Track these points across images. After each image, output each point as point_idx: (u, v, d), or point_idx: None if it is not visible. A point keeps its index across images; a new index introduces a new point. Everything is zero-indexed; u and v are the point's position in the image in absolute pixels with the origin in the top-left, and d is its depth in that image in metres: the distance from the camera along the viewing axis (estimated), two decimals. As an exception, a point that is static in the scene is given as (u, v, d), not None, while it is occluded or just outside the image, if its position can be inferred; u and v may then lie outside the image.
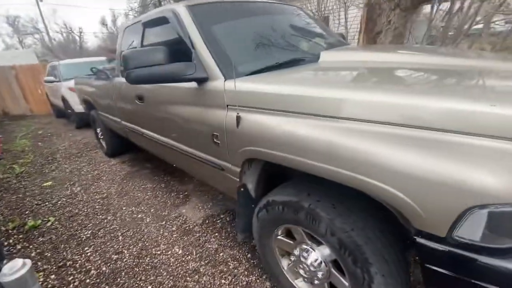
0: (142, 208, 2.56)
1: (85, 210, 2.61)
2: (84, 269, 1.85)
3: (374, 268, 0.95)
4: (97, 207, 2.65)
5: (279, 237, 1.36)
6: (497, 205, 0.66)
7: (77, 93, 4.27)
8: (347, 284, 1.10)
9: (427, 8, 5.05)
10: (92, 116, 3.90)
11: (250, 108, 1.22)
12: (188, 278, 1.70)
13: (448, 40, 4.48)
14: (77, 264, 1.90)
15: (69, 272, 1.84)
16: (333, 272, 1.16)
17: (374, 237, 0.98)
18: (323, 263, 1.17)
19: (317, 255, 1.18)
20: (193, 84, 1.53)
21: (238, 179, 1.42)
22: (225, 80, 1.35)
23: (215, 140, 1.43)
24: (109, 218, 2.44)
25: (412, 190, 0.77)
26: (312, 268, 1.20)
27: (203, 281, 1.67)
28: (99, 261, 1.92)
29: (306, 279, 1.29)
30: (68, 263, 1.92)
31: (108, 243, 2.09)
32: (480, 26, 4.49)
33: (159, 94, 1.90)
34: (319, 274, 1.18)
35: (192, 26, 1.58)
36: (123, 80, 2.46)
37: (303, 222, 1.12)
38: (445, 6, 4.65)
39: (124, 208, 2.58)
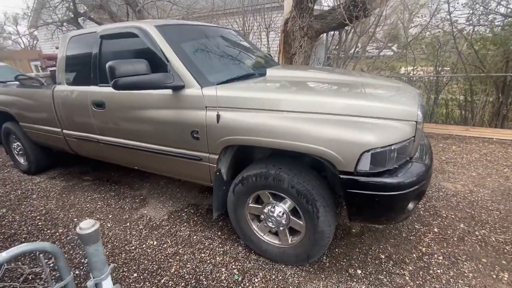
0: (98, 216, 2.53)
1: (25, 229, 2.38)
2: (52, 278, 1.81)
3: (318, 202, 1.53)
4: (39, 223, 2.45)
5: (250, 204, 1.81)
6: (374, 149, 1.33)
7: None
8: (302, 223, 1.66)
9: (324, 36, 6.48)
10: (6, 130, 3.39)
11: (227, 108, 1.66)
12: (170, 260, 1.94)
13: (339, 61, 5.95)
14: (42, 276, 1.84)
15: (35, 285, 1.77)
16: (292, 218, 1.70)
17: (316, 184, 1.57)
18: (284, 214, 1.70)
19: (280, 208, 1.70)
20: (168, 91, 1.85)
21: (215, 165, 1.81)
22: (202, 88, 1.75)
23: (194, 135, 1.78)
24: (60, 231, 2.33)
25: (336, 148, 1.38)
26: (278, 218, 1.71)
27: (185, 259, 1.94)
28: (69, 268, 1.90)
29: (272, 229, 1.79)
30: (30, 277, 1.82)
31: (71, 252, 2.06)
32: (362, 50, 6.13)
33: (126, 101, 2.07)
34: (283, 221, 1.70)
35: (164, 42, 1.90)
36: (70, 87, 2.48)
37: (271, 184, 1.63)
38: (336, 34, 6.17)
39: (76, 219, 2.49)
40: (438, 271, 1.77)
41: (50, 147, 3.13)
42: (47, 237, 2.27)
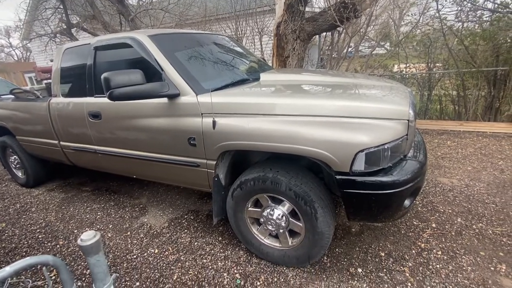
0: (98, 226, 2.54)
1: (25, 243, 2.37)
2: (55, 290, 1.82)
3: (316, 204, 1.55)
4: (39, 236, 2.44)
5: (249, 208, 1.83)
6: (368, 149, 1.36)
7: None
8: (301, 224, 1.68)
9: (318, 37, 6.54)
10: (2, 144, 3.38)
11: (222, 114, 1.68)
12: (172, 267, 1.94)
13: (333, 61, 6.01)
14: (44, 288, 1.83)
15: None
16: (291, 220, 1.71)
17: (313, 186, 1.60)
18: (284, 216, 1.72)
19: (279, 211, 1.72)
20: (163, 100, 1.87)
21: (213, 171, 1.83)
22: (197, 95, 1.77)
23: (191, 142, 1.80)
24: (61, 243, 2.33)
25: (331, 149, 1.40)
26: (277, 221, 1.73)
27: (186, 266, 1.95)
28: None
29: (273, 232, 1.80)
30: (32, 290, 1.82)
31: (73, 263, 2.06)
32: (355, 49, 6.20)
33: (122, 111, 2.09)
34: (283, 223, 1.72)
35: (158, 52, 1.92)
36: (65, 99, 2.49)
37: (269, 188, 1.65)
38: (328, 35, 6.24)
39: (76, 231, 2.49)
40: (438, 266, 1.79)
41: (48, 159, 3.13)
42: (48, 250, 2.26)
